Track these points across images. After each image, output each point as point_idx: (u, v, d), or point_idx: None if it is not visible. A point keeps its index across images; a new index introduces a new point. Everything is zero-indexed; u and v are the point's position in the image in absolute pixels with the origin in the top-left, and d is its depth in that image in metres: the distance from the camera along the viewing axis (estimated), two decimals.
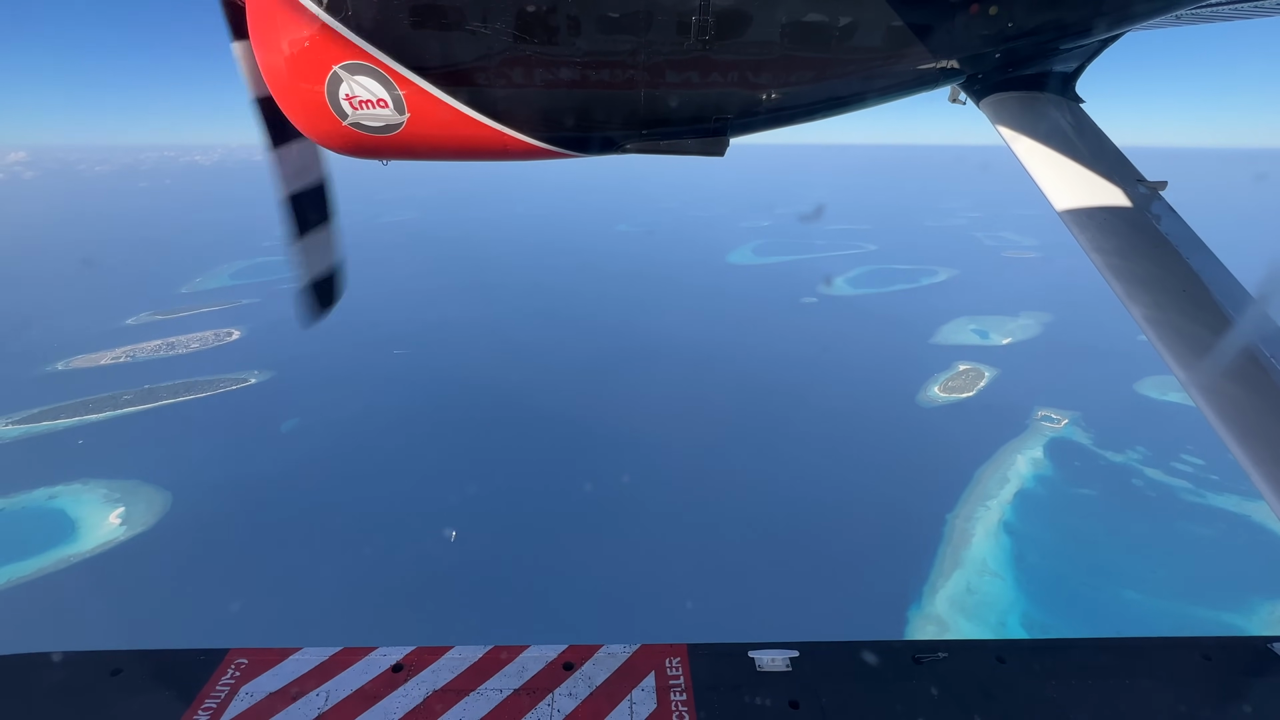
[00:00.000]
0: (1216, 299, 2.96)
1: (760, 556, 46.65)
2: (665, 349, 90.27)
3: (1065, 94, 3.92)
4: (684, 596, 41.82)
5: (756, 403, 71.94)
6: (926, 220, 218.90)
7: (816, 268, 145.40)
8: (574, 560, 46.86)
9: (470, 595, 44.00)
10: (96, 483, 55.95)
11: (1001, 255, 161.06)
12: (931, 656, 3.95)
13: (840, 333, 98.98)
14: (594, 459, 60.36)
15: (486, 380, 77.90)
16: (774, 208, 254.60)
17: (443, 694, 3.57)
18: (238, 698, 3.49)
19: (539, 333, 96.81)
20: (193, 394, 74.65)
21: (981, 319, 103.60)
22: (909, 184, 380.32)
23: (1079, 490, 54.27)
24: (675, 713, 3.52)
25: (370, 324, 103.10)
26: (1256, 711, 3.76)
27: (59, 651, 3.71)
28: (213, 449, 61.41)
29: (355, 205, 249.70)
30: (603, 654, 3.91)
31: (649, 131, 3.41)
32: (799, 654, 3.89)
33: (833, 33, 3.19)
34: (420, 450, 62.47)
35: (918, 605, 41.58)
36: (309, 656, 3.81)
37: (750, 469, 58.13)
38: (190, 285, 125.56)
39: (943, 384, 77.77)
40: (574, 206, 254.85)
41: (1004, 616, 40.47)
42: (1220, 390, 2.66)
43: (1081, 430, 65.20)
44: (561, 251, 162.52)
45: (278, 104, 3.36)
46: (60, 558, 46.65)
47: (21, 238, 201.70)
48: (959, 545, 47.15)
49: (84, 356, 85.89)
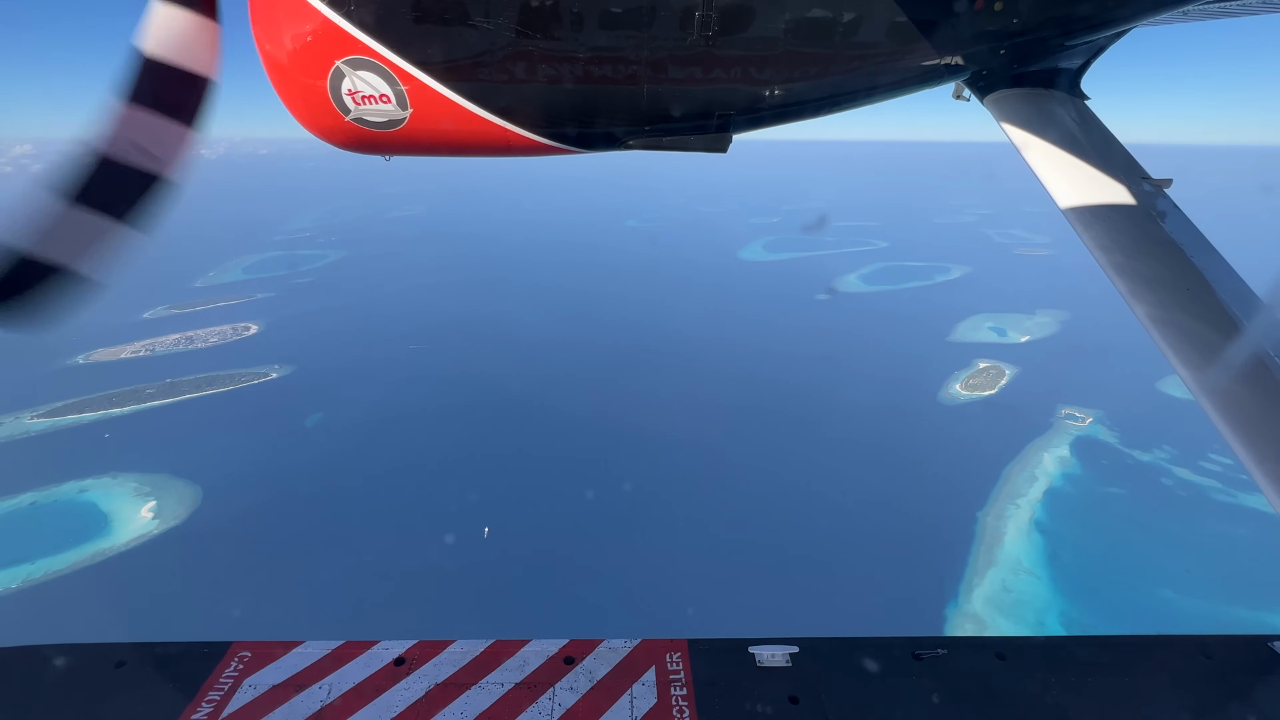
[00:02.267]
0: (1221, 298, 2.95)
1: (794, 555, 46.68)
2: (683, 347, 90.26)
3: (1070, 91, 3.89)
4: (735, 595, 41.91)
5: (780, 400, 71.96)
6: (935, 217, 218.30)
7: (828, 264, 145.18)
8: (607, 558, 46.99)
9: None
10: (126, 476, 56.12)
11: (1014, 252, 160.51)
12: (931, 653, 3.91)
13: (857, 330, 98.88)
14: (614, 457, 60.41)
15: (499, 377, 77.94)
16: (782, 204, 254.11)
17: (444, 687, 3.56)
18: (241, 690, 3.48)
19: (554, 330, 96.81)
20: (215, 388, 74.76)
21: (998, 316, 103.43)
22: (915, 181, 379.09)
23: (1108, 489, 54.21)
24: (675, 707, 3.49)
25: (385, 319, 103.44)
26: (1257, 710, 3.72)
27: (65, 644, 3.69)
28: (240, 443, 61.52)
29: (360, 200, 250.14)
30: (603, 648, 3.88)
31: (652, 128, 3.41)
32: (799, 650, 3.86)
33: (836, 28, 3.17)
34: (431, 446, 62.62)
35: (955, 603, 41.63)
36: (312, 650, 3.79)
37: (779, 467, 58.16)
38: (204, 279, 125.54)
39: (964, 381, 77.66)
40: (581, 202, 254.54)
41: (1042, 615, 40.50)
42: (1226, 391, 2.65)
43: (1106, 429, 65.10)
44: (572, 248, 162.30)
45: (281, 96, 3.26)
46: (95, 551, 46.81)
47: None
48: (992, 543, 47.15)
49: (104, 350, 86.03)
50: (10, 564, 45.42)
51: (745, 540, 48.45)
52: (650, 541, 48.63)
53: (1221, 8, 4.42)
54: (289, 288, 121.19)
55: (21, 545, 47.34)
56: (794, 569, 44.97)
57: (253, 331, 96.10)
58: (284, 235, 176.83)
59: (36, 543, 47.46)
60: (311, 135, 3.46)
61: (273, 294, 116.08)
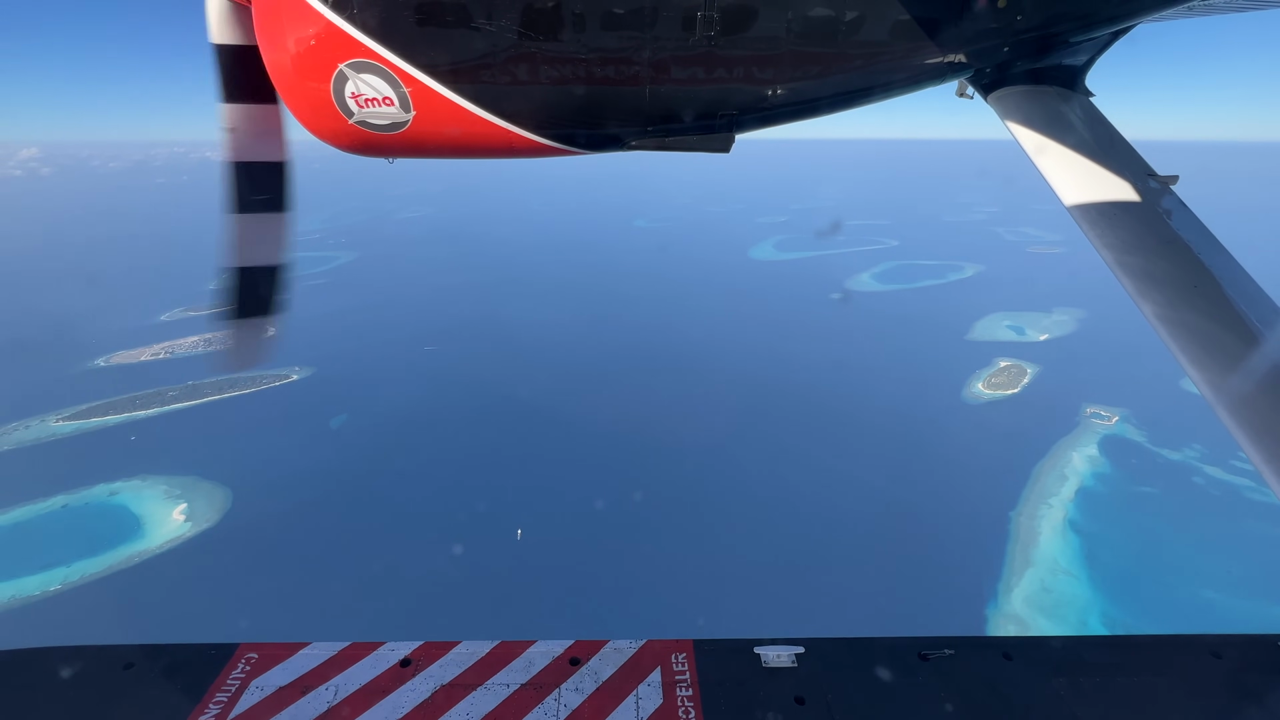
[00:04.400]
0: (1229, 295, 2.93)
1: (833, 555, 46.56)
2: (700, 349, 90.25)
3: (1075, 87, 3.87)
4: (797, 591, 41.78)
5: (803, 402, 71.86)
6: (945, 216, 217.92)
7: (840, 264, 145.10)
8: (647, 560, 46.94)
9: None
10: (155, 479, 56.26)
11: (1026, 251, 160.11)
12: (938, 653, 3.89)
13: (875, 329, 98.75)
14: (637, 460, 60.37)
15: (512, 378, 78.06)
16: (789, 203, 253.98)
17: (450, 688, 3.57)
18: (248, 691, 3.50)
19: (568, 331, 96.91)
20: (237, 390, 74.95)
21: (1015, 315, 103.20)
22: (921, 179, 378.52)
23: (1140, 488, 53.95)
24: (681, 708, 3.49)
25: (399, 320, 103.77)
26: (1266, 709, 3.68)
27: (73, 646, 3.72)
28: (267, 445, 61.63)
29: (367, 202, 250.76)
30: (609, 649, 3.88)
31: (655, 128, 3.42)
32: (804, 650, 3.85)
33: (839, 27, 3.17)
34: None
35: (995, 604, 41.46)
36: (318, 651, 3.81)
37: (813, 467, 58.02)
38: (217, 281, 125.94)
39: (986, 380, 77.43)
40: (587, 203, 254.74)
41: (1084, 615, 40.31)
42: (1235, 389, 2.62)
43: (1133, 428, 64.82)
44: (583, 248, 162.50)
45: (285, 99, 3.27)
46: (131, 554, 46.91)
47: (51, 234, 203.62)
48: (1027, 543, 46.95)
49: (124, 352, 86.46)
50: (46, 567, 45.55)
51: (777, 544, 48.34)
52: (669, 547, 48.56)
53: (1227, 3, 4.40)
54: (302, 289, 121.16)
55: (56, 548, 47.50)
56: (839, 570, 44.89)
57: (269, 333, 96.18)
58: (292, 237, 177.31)
59: (71, 545, 47.61)
60: (315, 138, 3.46)
61: (286, 296, 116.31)
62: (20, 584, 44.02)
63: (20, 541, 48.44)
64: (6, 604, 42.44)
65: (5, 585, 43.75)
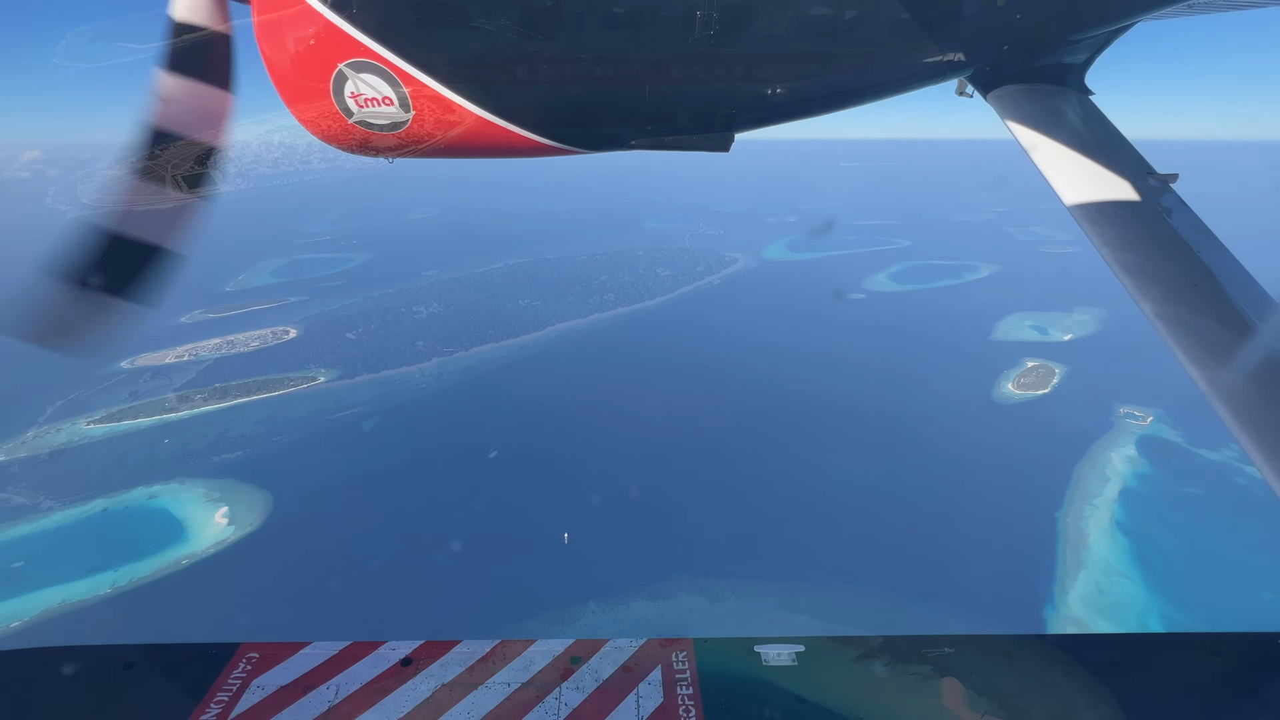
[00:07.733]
0: (1229, 293, 2.92)
1: (879, 555, 46.45)
2: (723, 351, 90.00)
3: (1075, 86, 3.85)
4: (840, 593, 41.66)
5: (836, 403, 71.72)
6: (954, 215, 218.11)
7: (854, 264, 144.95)
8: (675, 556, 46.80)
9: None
10: (193, 482, 56.09)
11: (1038, 250, 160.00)
12: (938, 652, 3.88)
13: (897, 330, 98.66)
14: (674, 460, 60.27)
15: (525, 379, 78.02)
16: (797, 203, 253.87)
17: (451, 687, 3.61)
18: (249, 691, 3.53)
19: (587, 331, 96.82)
20: (265, 392, 74.72)
21: (1037, 315, 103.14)
22: (927, 179, 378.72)
23: (1184, 489, 53.93)
24: (682, 706, 3.50)
25: (418, 321, 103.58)
26: (1269, 708, 3.63)
27: (74, 646, 3.72)
28: (303, 448, 61.49)
29: (374, 203, 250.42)
30: (609, 648, 3.88)
31: (655, 127, 3.42)
32: (805, 649, 3.87)
33: (838, 26, 3.17)
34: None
35: (1052, 605, 41.37)
36: (319, 651, 3.83)
37: (857, 468, 57.91)
38: (234, 283, 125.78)
39: (1015, 381, 77.39)
40: (597, 202, 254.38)
41: (1143, 617, 40.30)
42: (1234, 388, 2.60)
43: (1169, 428, 64.74)
44: (597, 249, 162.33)
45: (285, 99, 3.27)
46: (178, 557, 46.72)
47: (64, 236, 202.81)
48: (1077, 545, 46.89)
49: (148, 355, 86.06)
50: (93, 571, 45.37)
51: (827, 547, 48.23)
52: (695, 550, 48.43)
53: (1226, 1, 4.44)
54: (320, 290, 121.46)
55: (100, 553, 47.33)
56: (909, 570, 44.70)
57: (292, 335, 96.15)
58: (304, 239, 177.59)
59: (116, 549, 47.47)
60: (315, 138, 3.48)
61: (305, 297, 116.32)
62: (70, 589, 43.84)
63: (64, 546, 48.29)
64: (58, 608, 42.26)
65: (55, 590, 43.57)
